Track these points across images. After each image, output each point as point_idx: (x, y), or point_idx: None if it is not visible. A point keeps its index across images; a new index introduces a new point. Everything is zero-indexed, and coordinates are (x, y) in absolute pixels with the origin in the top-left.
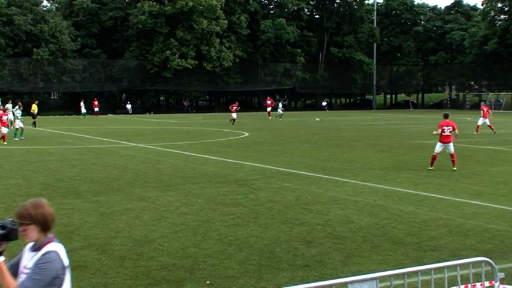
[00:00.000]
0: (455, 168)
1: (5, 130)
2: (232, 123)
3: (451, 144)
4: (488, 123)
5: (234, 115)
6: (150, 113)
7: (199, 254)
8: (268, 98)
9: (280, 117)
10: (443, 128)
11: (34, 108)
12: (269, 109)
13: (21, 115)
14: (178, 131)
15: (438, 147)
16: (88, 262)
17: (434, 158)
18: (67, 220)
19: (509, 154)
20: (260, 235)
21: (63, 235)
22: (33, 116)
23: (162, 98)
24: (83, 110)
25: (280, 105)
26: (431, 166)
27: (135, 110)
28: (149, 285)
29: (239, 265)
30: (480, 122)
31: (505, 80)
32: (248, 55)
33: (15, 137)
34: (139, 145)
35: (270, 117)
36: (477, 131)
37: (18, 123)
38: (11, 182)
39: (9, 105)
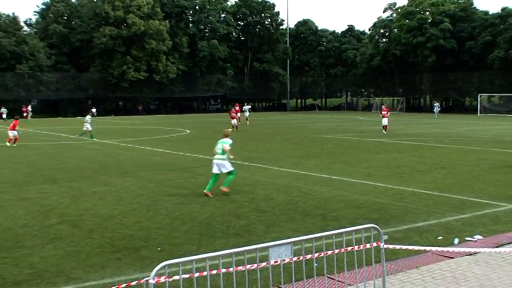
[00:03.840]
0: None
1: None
2: (236, 129)
3: None
4: (385, 123)
5: (234, 121)
6: (111, 116)
7: (152, 227)
8: (235, 106)
9: (247, 120)
10: None
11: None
12: (234, 121)
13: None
14: (134, 130)
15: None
16: (63, 235)
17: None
18: (46, 202)
19: (391, 145)
20: (200, 211)
21: (43, 214)
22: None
23: (120, 103)
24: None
25: (246, 108)
26: None
27: (99, 113)
28: (113, 252)
29: (183, 235)
30: (384, 122)
31: (387, 87)
32: (189, 68)
33: None
34: (103, 141)
35: (238, 130)
36: (386, 129)
37: None
38: (0, 171)
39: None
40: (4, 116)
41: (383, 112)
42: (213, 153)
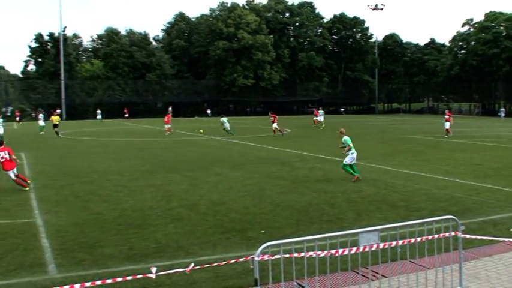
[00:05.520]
0: None
1: None
2: (282, 134)
3: None
4: (447, 127)
5: (275, 125)
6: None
7: (257, 212)
8: (315, 110)
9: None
10: None
11: (55, 119)
12: (315, 118)
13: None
14: (243, 129)
15: None
16: (182, 216)
17: None
18: (168, 188)
19: (468, 145)
20: (298, 199)
21: (166, 198)
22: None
23: (231, 105)
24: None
25: (321, 112)
26: None
27: (213, 114)
28: (223, 233)
29: (284, 220)
30: (447, 125)
31: (465, 94)
32: (289, 76)
33: None
34: (217, 138)
35: (315, 125)
36: (448, 132)
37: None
38: (132, 162)
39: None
40: (99, 117)
41: (446, 116)
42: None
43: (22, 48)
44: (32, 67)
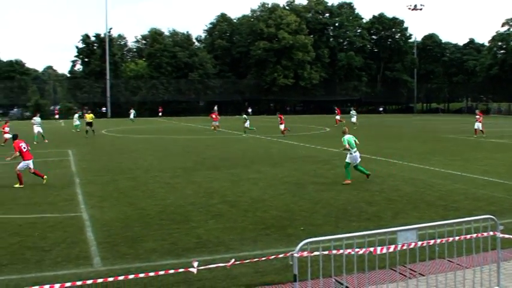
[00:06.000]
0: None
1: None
2: (283, 134)
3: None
4: (478, 127)
5: (282, 126)
6: (265, 115)
7: (296, 209)
8: (337, 108)
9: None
10: None
11: (89, 117)
12: (336, 117)
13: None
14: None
15: None
16: (223, 212)
17: None
18: (209, 185)
19: (507, 145)
20: (337, 197)
21: (207, 195)
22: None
23: (271, 104)
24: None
25: (353, 112)
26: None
27: (254, 113)
28: (263, 229)
29: (323, 217)
30: (476, 126)
31: (504, 94)
32: (329, 76)
33: None
34: (257, 136)
35: (336, 125)
36: (476, 132)
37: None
38: (174, 159)
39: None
40: (132, 116)
41: (477, 116)
42: (347, 147)
43: (70, 49)
44: (79, 67)
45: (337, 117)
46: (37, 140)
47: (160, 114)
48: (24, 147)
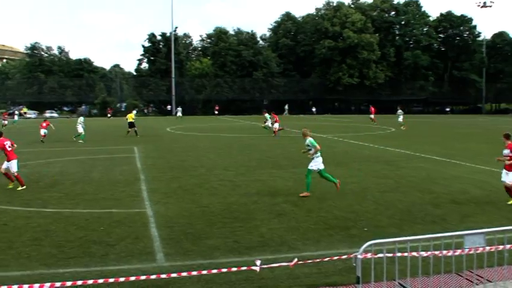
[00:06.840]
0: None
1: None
2: (274, 134)
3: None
4: None
5: (277, 125)
6: (329, 114)
7: (360, 210)
8: (372, 107)
9: (402, 126)
10: None
11: (130, 117)
12: (371, 116)
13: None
14: (347, 127)
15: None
16: (286, 212)
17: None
18: (273, 183)
19: None
20: (402, 199)
21: (271, 193)
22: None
23: (336, 103)
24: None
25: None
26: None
27: (318, 112)
28: (326, 229)
29: (387, 219)
30: None
31: None
32: (395, 75)
33: None
34: (321, 135)
35: (375, 123)
36: None
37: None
38: (238, 157)
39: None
40: (179, 114)
41: None
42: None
43: (136, 48)
44: (145, 65)
45: (372, 116)
46: (83, 138)
47: (216, 112)
48: (9, 146)
